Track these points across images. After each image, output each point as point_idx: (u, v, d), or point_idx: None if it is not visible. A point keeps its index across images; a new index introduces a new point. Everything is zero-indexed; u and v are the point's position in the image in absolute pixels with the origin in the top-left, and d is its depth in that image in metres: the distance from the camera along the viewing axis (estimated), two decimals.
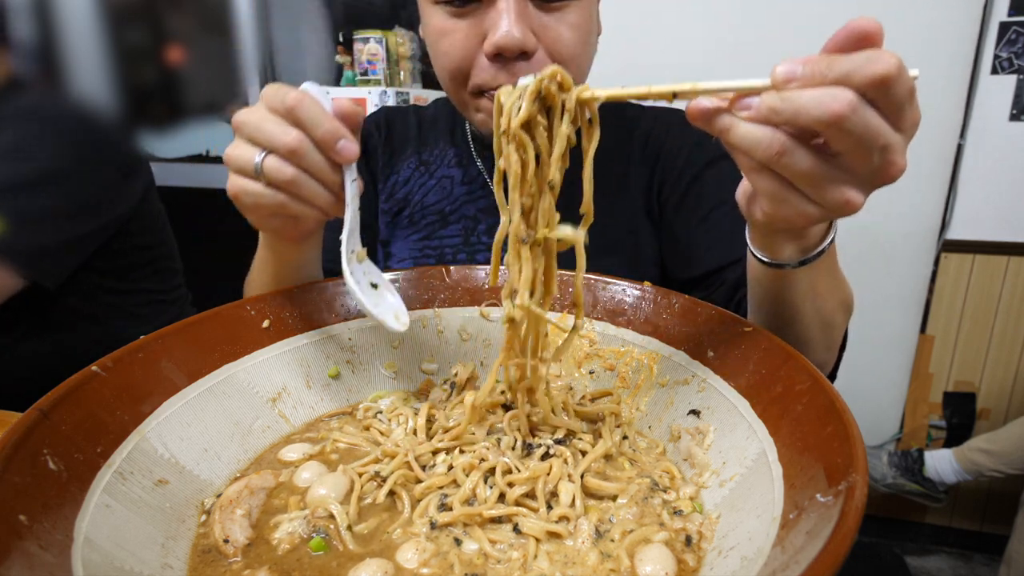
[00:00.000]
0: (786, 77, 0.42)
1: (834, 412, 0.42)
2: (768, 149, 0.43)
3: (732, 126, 0.45)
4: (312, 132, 0.54)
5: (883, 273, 2.23)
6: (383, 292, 0.64)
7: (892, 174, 0.44)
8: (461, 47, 0.75)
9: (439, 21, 0.76)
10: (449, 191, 0.96)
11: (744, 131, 0.44)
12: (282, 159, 0.55)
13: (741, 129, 0.45)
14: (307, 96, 0.54)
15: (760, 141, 0.44)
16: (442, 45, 0.77)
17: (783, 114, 0.42)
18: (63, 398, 0.46)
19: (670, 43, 2.20)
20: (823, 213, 0.46)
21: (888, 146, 0.42)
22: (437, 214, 0.95)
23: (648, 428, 0.62)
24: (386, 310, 0.62)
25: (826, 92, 0.40)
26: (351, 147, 0.55)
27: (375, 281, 0.64)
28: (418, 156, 1.00)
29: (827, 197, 0.45)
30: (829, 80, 0.41)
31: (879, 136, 0.41)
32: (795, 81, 0.41)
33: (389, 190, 0.99)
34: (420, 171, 0.99)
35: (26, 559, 0.36)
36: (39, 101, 1.17)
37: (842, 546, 0.31)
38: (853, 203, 0.45)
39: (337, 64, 2.41)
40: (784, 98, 0.42)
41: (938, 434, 2.34)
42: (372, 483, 0.54)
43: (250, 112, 0.56)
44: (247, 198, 0.58)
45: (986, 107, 2.06)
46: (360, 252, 0.62)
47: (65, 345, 1.23)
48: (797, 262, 0.55)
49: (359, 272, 0.62)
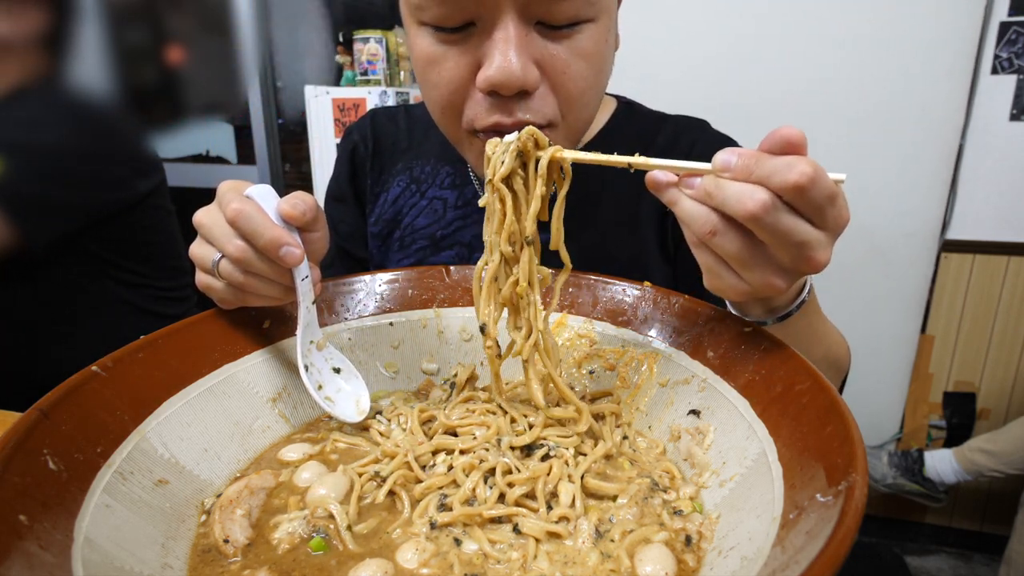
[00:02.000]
0: (722, 166, 0.46)
1: (834, 412, 0.42)
2: (703, 227, 0.48)
3: (678, 200, 0.49)
4: (254, 242, 0.54)
5: (883, 273, 2.23)
6: (347, 376, 0.65)
7: (813, 267, 0.48)
8: (452, 78, 0.64)
9: (427, 46, 0.64)
10: (441, 214, 0.88)
11: (686, 207, 0.49)
12: (232, 264, 0.56)
13: (684, 204, 0.49)
14: (245, 209, 0.54)
15: (697, 219, 0.48)
16: (431, 75, 0.66)
17: (714, 199, 0.47)
18: (63, 398, 0.46)
19: (677, 49, 2.20)
20: (752, 290, 0.50)
21: (805, 243, 0.46)
22: (428, 239, 0.88)
23: (648, 428, 0.62)
24: (346, 398, 0.64)
25: (746, 189, 0.45)
26: (294, 252, 0.55)
27: (337, 365, 0.65)
28: (409, 173, 0.91)
29: (753, 278, 0.49)
30: (753, 179, 0.45)
31: (793, 234, 0.45)
32: (728, 171, 0.46)
33: (379, 211, 0.92)
34: (411, 189, 0.91)
35: (26, 559, 0.36)
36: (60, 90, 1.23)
37: (842, 546, 0.31)
38: (776, 287, 0.49)
39: (337, 64, 2.41)
40: (717, 185, 0.46)
41: (938, 434, 2.34)
42: (372, 483, 0.54)
43: (207, 213, 0.57)
44: (211, 293, 0.61)
45: (986, 107, 2.06)
46: (320, 341, 0.64)
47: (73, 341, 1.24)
48: (771, 320, 0.58)
49: (320, 360, 0.64)
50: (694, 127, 0.87)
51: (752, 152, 0.46)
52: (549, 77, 0.63)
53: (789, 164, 0.44)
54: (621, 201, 0.83)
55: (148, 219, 1.32)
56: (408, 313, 0.73)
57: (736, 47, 2.18)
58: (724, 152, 0.46)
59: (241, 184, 0.58)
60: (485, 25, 0.60)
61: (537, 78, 0.62)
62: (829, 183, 0.45)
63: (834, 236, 0.48)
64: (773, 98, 2.18)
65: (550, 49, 0.62)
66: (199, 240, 0.59)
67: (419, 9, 0.62)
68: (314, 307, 0.62)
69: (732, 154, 0.46)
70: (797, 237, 0.45)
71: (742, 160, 0.45)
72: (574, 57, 0.63)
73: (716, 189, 0.46)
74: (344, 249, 0.95)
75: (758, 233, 0.46)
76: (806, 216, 0.46)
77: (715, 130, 0.87)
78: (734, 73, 2.19)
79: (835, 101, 2.14)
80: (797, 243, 0.46)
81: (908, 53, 2.04)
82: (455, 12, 0.60)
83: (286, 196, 0.57)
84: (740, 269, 0.49)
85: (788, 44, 2.14)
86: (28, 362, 1.23)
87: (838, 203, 0.46)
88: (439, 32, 0.63)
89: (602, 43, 0.65)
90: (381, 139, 0.94)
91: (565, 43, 0.62)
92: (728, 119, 0.96)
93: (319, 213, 0.59)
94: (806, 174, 0.43)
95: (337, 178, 0.96)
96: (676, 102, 1.06)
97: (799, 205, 0.45)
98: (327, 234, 0.62)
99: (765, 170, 0.44)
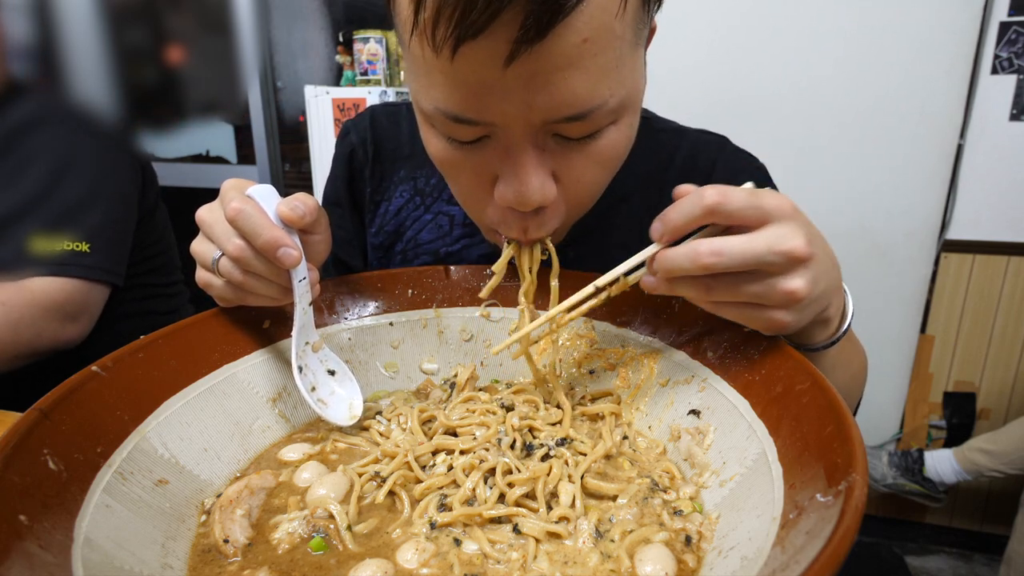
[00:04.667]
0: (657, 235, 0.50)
1: (834, 412, 0.42)
2: (698, 295, 0.51)
3: (671, 287, 0.51)
4: (252, 242, 0.54)
5: (883, 273, 2.23)
6: (341, 379, 0.65)
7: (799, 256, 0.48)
8: (470, 184, 0.61)
9: (442, 150, 0.59)
10: (447, 231, 0.85)
11: (680, 289, 0.51)
12: (232, 262, 0.56)
13: (678, 289, 0.51)
14: (245, 208, 0.54)
15: (690, 291, 0.51)
16: (448, 173, 0.63)
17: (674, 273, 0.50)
18: (63, 398, 0.46)
19: (677, 48, 2.20)
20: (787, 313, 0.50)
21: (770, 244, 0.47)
22: (432, 254, 0.85)
23: (648, 428, 0.62)
24: (339, 401, 0.64)
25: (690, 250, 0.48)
26: (292, 254, 0.55)
27: (332, 368, 0.65)
28: (413, 183, 0.86)
29: (773, 299, 0.49)
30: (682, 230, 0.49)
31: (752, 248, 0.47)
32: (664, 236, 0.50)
33: (380, 221, 0.88)
34: (415, 202, 0.86)
35: (26, 559, 0.36)
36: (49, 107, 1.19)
37: (842, 546, 0.31)
38: (795, 291, 0.49)
39: (337, 64, 2.41)
40: (665, 260, 0.50)
41: (938, 434, 2.34)
42: (372, 483, 0.54)
43: (209, 211, 0.57)
44: (211, 290, 0.61)
45: (986, 107, 2.06)
46: (316, 343, 0.64)
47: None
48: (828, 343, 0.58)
49: (315, 362, 0.64)
50: (713, 145, 0.84)
51: (667, 210, 0.49)
52: (564, 185, 0.59)
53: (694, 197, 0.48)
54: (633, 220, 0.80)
55: (152, 224, 1.33)
56: (408, 313, 0.73)
57: (735, 46, 2.18)
58: (655, 222, 0.50)
59: (244, 183, 0.58)
60: (500, 142, 0.55)
61: (554, 194, 0.58)
62: (740, 189, 0.48)
63: (793, 220, 0.48)
64: (773, 97, 2.18)
65: (567, 159, 0.57)
66: (200, 237, 0.59)
67: (430, 118, 0.57)
68: (311, 309, 0.62)
69: (657, 221, 0.50)
70: (758, 247, 0.47)
71: (664, 223, 0.49)
72: (591, 164, 0.58)
73: (668, 264, 0.49)
74: (338, 256, 0.91)
75: (731, 268, 0.47)
76: (747, 226, 0.48)
77: (735, 146, 0.84)
78: (733, 72, 2.19)
79: (835, 101, 2.14)
80: (764, 251, 0.47)
81: (908, 53, 2.04)
82: (468, 133, 0.55)
83: (287, 197, 0.57)
84: (759, 300, 0.49)
85: (788, 43, 2.14)
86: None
87: (768, 193, 0.49)
88: (452, 141, 0.58)
89: (621, 142, 0.59)
90: (381, 143, 0.88)
91: (583, 151, 0.57)
92: (728, 119, 0.96)
93: (320, 215, 0.59)
94: (712, 194, 0.47)
95: (334, 181, 0.91)
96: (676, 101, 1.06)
97: (732, 222, 0.48)
98: (329, 237, 0.62)
99: (684, 214, 0.48)
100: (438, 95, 0.52)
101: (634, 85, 0.56)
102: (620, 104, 0.54)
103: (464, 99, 0.51)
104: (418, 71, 0.53)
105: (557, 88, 0.49)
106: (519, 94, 0.49)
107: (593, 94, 0.51)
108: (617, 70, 0.52)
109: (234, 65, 2.49)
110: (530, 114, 0.51)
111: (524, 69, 0.48)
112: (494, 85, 0.49)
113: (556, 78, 0.49)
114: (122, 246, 1.20)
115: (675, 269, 0.49)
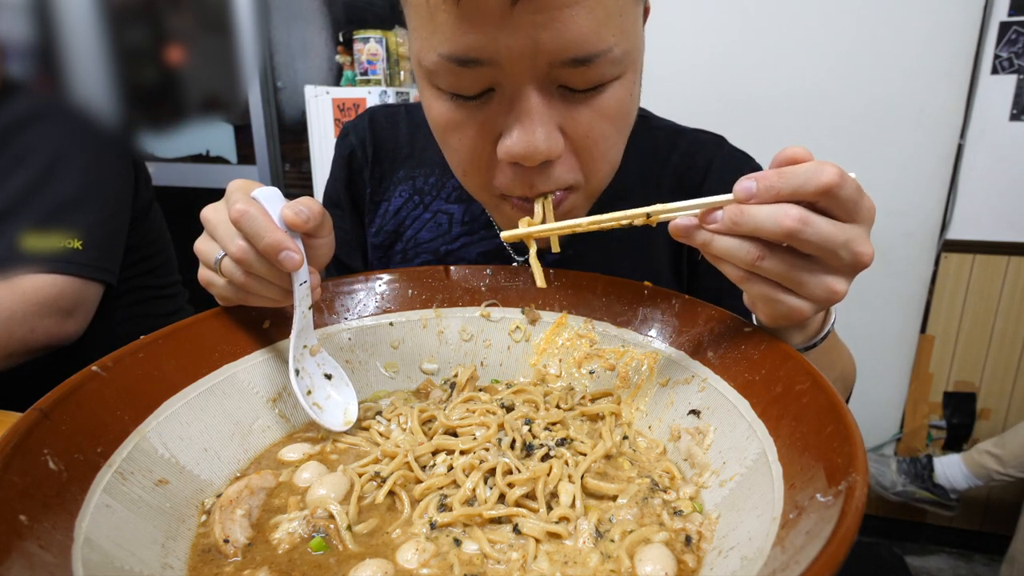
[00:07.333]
0: (745, 194, 0.46)
1: (834, 412, 0.42)
2: (747, 256, 0.47)
3: (710, 241, 0.48)
4: (255, 244, 0.54)
5: (883, 273, 2.23)
6: (337, 384, 0.65)
7: (863, 262, 0.48)
8: (473, 146, 0.61)
9: (444, 111, 0.59)
10: (446, 229, 0.85)
11: (722, 244, 0.48)
12: (234, 263, 0.57)
13: (719, 242, 0.48)
14: (249, 210, 0.54)
15: (737, 251, 0.47)
16: (450, 139, 0.62)
17: (743, 227, 0.46)
18: (63, 398, 0.46)
19: (677, 48, 2.20)
20: (814, 306, 0.50)
21: (849, 240, 0.46)
22: (432, 253, 0.86)
23: (648, 428, 0.62)
24: (334, 406, 0.64)
25: (777, 209, 0.45)
26: (294, 257, 0.55)
27: (329, 372, 0.65)
28: (412, 183, 0.87)
29: (812, 291, 0.48)
30: (782, 196, 0.45)
31: (836, 237, 0.45)
32: (753, 197, 0.46)
33: (379, 221, 0.88)
34: (414, 201, 0.87)
35: (26, 559, 0.36)
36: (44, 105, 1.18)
37: (842, 546, 0.31)
38: (838, 292, 0.48)
39: (337, 64, 2.41)
40: (744, 212, 0.46)
41: (938, 434, 2.34)
42: (372, 483, 0.54)
43: (214, 211, 0.58)
44: (212, 289, 0.61)
45: (986, 107, 2.06)
46: (314, 346, 0.64)
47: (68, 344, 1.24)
48: (803, 348, 0.58)
49: (312, 365, 0.64)
50: (710, 144, 0.84)
51: (770, 172, 0.46)
52: (572, 141, 0.59)
53: (814, 169, 0.44)
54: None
55: (147, 224, 1.33)
56: (408, 313, 0.73)
57: (734, 46, 2.18)
58: (743, 180, 0.46)
59: (250, 184, 0.58)
60: (505, 93, 0.56)
61: (561, 147, 0.58)
62: (852, 179, 0.45)
63: (869, 227, 0.48)
64: (773, 97, 2.18)
65: (573, 112, 0.57)
66: (204, 236, 0.59)
67: (433, 75, 0.57)
68: (311, 312, 0.62)
69: (751, 180, 0.46)
70: (840, 238, 0.45)
71: (764, 182, 0.46)
72: (597, 119, 0.58)
73: (744, 217, 0.46)
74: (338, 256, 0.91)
75: (801, 247, 0.46)
76: (839, 216, 0.46)
77: (732, 146, 0.85)
78: (733, 73, 2.19)
79: (834, 101, 2.14)
80: (842, 243, 0.45)
81: (908, 53, 2.04)
82: (473, 82, 0.55)
83: (291, 201, 0.57)
84: (797, 287, 0.48)
85: (787, 44, 2.14)
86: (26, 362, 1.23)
87: (864, 193, 0.47)
88: (456, 99, 0.58)
89: (626, 100, 0.60)
90: (381, 144, 0.89)
91: (588, 105, 0.57)
92: (727, 118, 0.96)
93: (324, 219, 0.59)
94: (835, 174, 0.44)
95: (334, 182, 0.92)
96: (675, 101, 1.06)
97: (832, 207, 0.45)
98: (332, 241, 0.62)
99: (794, 183, 0.45)
100: (442, 40, 0.53)
101: (636, 42, 0.57)
102: (624, 54, 0.55)
103: (470, 37, 0.52)
104: (422, 20, 0.54)
105: (564, 25, 0.50)
106: (526, 30, 0.50)
107: (598, 37, 0.52)
108: (620, 17, 0.53)
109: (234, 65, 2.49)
110: (536, 54, 0.52)
111: (531, 4, 0.49)
112: (501, 21, 0.50)
113: (562, 15, 0.50)
114: (115, 244, 1.19)
115: (751, 224, 0.46)
